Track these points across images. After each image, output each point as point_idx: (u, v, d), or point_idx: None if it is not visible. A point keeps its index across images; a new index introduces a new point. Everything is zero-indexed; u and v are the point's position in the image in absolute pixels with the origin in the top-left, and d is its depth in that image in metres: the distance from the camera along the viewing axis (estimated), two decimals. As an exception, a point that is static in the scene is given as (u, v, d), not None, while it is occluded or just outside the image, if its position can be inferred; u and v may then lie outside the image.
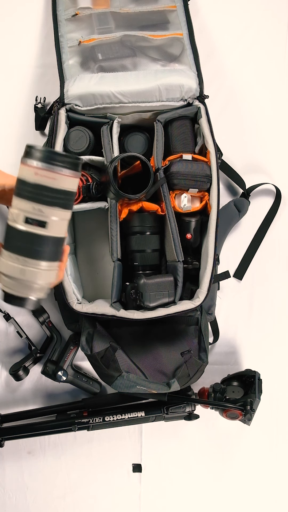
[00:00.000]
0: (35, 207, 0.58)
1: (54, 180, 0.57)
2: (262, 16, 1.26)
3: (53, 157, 0.57)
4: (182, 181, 0.99)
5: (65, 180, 0.58)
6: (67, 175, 0.58)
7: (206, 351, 1.00)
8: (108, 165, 0.96)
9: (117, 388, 0.95)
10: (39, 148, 0.58)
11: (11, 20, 1.22)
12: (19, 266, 0.59)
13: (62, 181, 0.58)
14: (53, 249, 0.61)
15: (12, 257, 0.59)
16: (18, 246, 0.59)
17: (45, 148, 0.59)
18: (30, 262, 0.59)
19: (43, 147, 0.58)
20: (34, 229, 0.58)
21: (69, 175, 0.58)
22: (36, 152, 0.57)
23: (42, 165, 0.57)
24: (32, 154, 0.58)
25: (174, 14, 1.13)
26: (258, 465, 1.17)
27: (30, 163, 0.57)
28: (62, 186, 0.58)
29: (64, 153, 0.59)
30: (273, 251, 1.20)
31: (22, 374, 1.07)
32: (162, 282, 0.97)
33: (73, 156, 0.59)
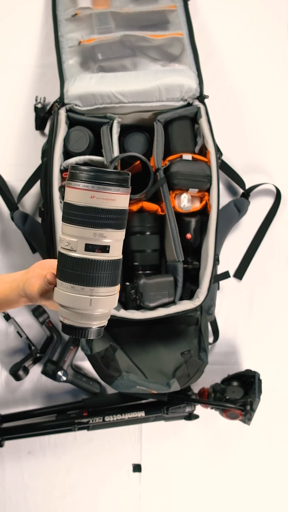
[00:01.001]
0: (96, 232, 0.54)
1: (112, 201, 0.54)
2: (262, 16, 1.26)
3: (106, 177, 0.53)
4: (182, 181, 0.99)
5: (121, 198, 0.55)
6: (121, 194, 0.55)
7: (206, 351, 1.00)
8: (108, 165, 0.96)
9: (117, 388, 0.95)
10: (88, 168, 0.54)
11: (11, 20, 1.22)
12: (80, 295, 0.55)
13: (119, 201, 0.55)
14: (112, 273, 0.57)
15: (75, 288, 0.55)
16: (78, 275, 0.55)
17: (95, 168, 0.54)
18: (98, 290, 0.55)
19: (91, 168, 0.54)
20: (96, 255, 0.55)
21: (123, 193, 0.55)
22: (87, 173, 0.53)
23: (97, 187, 0.53)
24: (81, 176, 0.53)
25: (174, 14, 1.13)
26: (258, 465, 1.17)
27: (83, 186, 0.53)
28: (118, 205, 0.55)
29: (115, 171, 0.55)
30: (273, 251, 1.20)
31: (22, 374, 1.07)
32: (162, 282, 0.97)
33: (123, 172, 0.56)
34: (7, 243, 1.15)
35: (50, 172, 0.99)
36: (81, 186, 0.53)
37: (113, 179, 0.54)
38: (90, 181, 0.53)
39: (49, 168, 0.99)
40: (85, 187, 0.53)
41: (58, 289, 0.57)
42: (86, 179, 0.53)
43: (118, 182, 0.54)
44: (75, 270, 0.55)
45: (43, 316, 1.10)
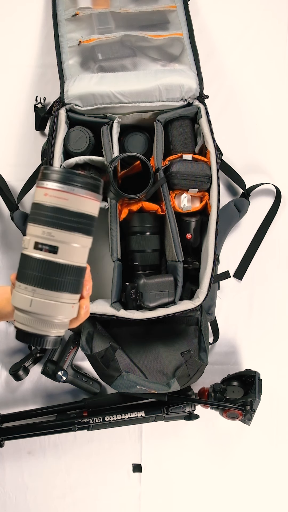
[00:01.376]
0: (45, 230, 0.53)
1: (66, 201, 0.52)
2: (262, 16, 1.26)
3: (66, 177, 0.52)
4: (182, 181, 0.99)
5: (81, 201, 0.53)
6: (82, 196, 0.53)
7: (206, 351, 1.00)
8: (108, 165, 0.96)
9: (117, 388, 0.95)
10: (52, 168, 0.53)
11: (11, 20, 1.22)
12: (35, 298, 0.54)
13: (77, 202, 0.53)
14: (71, 280, 0.55)
15: (28, 289, 0.54)
16: (32, 276, 0.54)
17: (59, 168, 0.54)
18: (47, 293, 0.54)
19: (58, 168, 0.54)
20: (45, 255, 0.53)
21: (85, 196, 0.53)
22: (49, 172, 0.53)
23: (55, 185, 0.52)
24: (45, 175, 0.53)
25: (174, 14, 1.13)
26: (258, 465, 1.17)
27: (43, 185, 0.53)
28: (77, 208, 0.53)
29: (80, 173, 0.53)
30: (273, 251, 1.20)
31: (22, 374, 1.07)
32: (162, 282, 0.97)
33: (91, 176, 0.54)
34: (7, 243, 1.15)
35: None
36: (39, 184, 0.54)
37: (71, 179, 0.53)
38: (48, 180, 0.53)
39: (49, 168, 0.99)
40: (42, 185, 0.53)
41: (15, 290, 0.56)
42: (45, 178, 0.53)
43: (76, 183, 0.53)
44: (29, 270, 0.54)
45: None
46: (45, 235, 0.53)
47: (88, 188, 0.54)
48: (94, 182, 0.54)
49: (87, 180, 0.54)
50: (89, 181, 0.54)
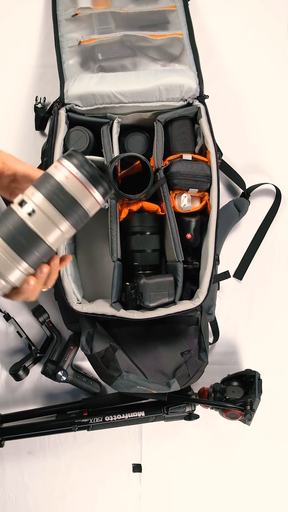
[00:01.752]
0: (38, 196, 0.57)
1: (81, 192, 0.57)
2: (262, 16, 1.26)
3: (92, 174, 0.57)
4: (182, 181, 0.99)
5: (90, 200, 0.58)
6: (94, 197, 0.58)
7: (206, 351, 1.00)
8: (108, 165, 0.96)
9: (117, 388, 0.95)
10: (84, 157, 0.57)
11: (11, 20, 1.22)
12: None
13: (87, 199, 0.57)
14: (34, 250, 0.58)
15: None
16: (6, 230, 0.57)
17: (91, 163, 0.58)
18: (10, 252, 0.57)
19: (86, 158, 0.58)
20: (20, 212, 0.57)
21: (95, 198, 0.58)
22: (80, 159, 0.57)
23: (74, 170, 0.57)
24: (71, 156, 0.57)
25: (174, 14, 1.13)
26: (258, 465, 1.17)
27: (68, 167, 0.57)
28: (83, 203, 0.57)
29: (101, 175, 0.57)
30: (273, 251, 1.20)
31: (22, 374, 1.07)
32: (162, 282, 0.97)
33: (109, 184, 0.59)
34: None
35: (50, 172, 0.98)
36: (65, 164, 0.57)
37: (96, 179, 0.57)
38: (76, 166, 0.57)
39: (49, 168, 0.99)
40: (68, 167, 0.57)
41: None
42: (73, 161, 0.57)
43: (97, 184, 0.57)
44: (6, 224, 0.58)
45: (43, 316, 1.10)
46: (42, 205, 0.57)
47: (102, 193, 0.58)
48: (109, 191, 0.58)
49: (107, 186, 0.58)
50: (106, 189, 0.58)
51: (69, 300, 0.96)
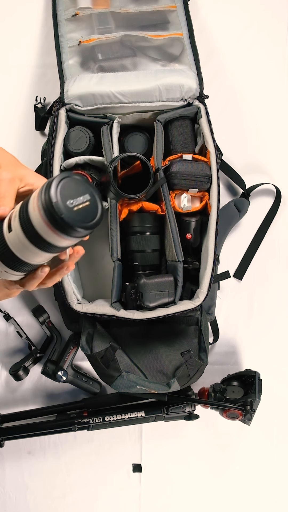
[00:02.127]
0: (16, 216, 0.55)
1: (42, 230, 0.52)
2: (262, 16, 1.26)
3: (51, 214, 0.50)
4: (182, 181, 0.99)
5: (54, 237, 0.53)
6: (57, 235, 0.52)
7: (206, 351, 1.00)
8: (108, 165, 0.96)
9: (117, 388, 0.95)
10: (56, 192, 0.50)
11: (11, 20, 1.22)
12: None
13: (50, 236, 0.53)
14: (20, 266, 0.58)
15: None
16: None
17: (55, 201, 0.51)
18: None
19: (63, 215, 0.50)
20: (5, 232, 0.56)
21: (59, 236, 0.53)
22: (48, 195, 0.50)
23: (42, 213, 0.51)
24: (46, 192, 0.51)
25: (174, 14, 1.13)
26: (258, 465, 1.17)
27: (38, 200, 0.51)
28: (48, 239, 0.53)
29: (77, 230, 0.52)
30: (273, 251, 1.20)
31: (22, 374, 1.07)
32: (162, 282, 0.97)
33: (70, 227, 0.52)
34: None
35: (50, 172, 0.99)
36: (40, 200, 0.52)
37: (71, 233, 0.52)
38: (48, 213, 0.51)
39: (49, 168, 0.99)
40: (39, 204, 0.52)
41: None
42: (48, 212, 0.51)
43: (50, 220, 0.51)
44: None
45: (43, 316, 1.10)
46: (14, 218, 0.55)
47: (61, 232, 0.52)
48: (68, 232, 0.52)
49: (64, 227, 0.51)
50: (64, 228, 0.51)
51: (69, 300, 0.96)
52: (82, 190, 0.53)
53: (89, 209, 0.53)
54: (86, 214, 0.53)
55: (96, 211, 0.54)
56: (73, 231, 0.51)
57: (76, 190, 0.53)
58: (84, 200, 0.53)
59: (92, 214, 0.53)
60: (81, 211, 0.52)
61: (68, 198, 0.51)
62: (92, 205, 0.53)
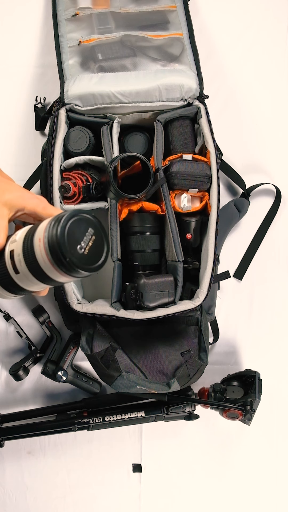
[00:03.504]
0: (20, 255, 0.56)
1: (45, 266, 0.54)
2: (262, 16, 1.26)
3: (56, 252, 0.52)
4: (182, 181, 0.99)
5: (55, 274, 0.54)
6: (59, 273, 0.54)
7: (206, 351, 1.00)
8: (108, 165, 0.96)
9: (117, 388, 0.95)
10: (62, 229, 0.51)
11: (11, 20, 1.22)
12: None
13: (52, 272, 0.54)
14: (15, 290, 0.60)
15: None
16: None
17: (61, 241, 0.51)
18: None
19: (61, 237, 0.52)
20: (9, 264, 0.57)
21: (61, 274, 0.54)
22: (54, 233, 0.52)
23: (46, 249, 0.53)
24: (53, 227, 0.52)
25: (174, 14, 1.13)
26: (258, 465, 1.17)
27: (44, 236, 0.53)
28: (50, 274, 0.55)
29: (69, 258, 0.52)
30: (273, 251, 1.20)
31: (22, 374, 1.07)
32: (162, 282, 0.97)
33: (70, 264, 0.53)
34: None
35: (50, 172, 0.99)
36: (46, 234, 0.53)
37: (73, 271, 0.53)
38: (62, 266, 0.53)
39: (49, 168, 0.99)
40: (51, 261, 0.53)
41: None
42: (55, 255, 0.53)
43: (53, 257, 0.52)
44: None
45: (43, 316, 1.10)
46: (18, 256, 0.56)
47: (63, 270, 0.53)
48: (69, 269, 0.53)
49: (66, 264, 0.52)
50: (66, 266, 0.53)
51: (69, 300, 0.96)
52: (87, 227, 0.54)
53: (96, 248, 0.54)
54: (93, 256, 0.54)
55: (102, 250, 0.55)
56: (77, 273, 0.53)
57: (81, 229, 0.53)
58: (90, 238, 0.54)
59: (98, 254, 0.55)
60: (89, 254, 0.53)
61: (76, 243, 0.52)
62: (98, 243, 0.55)
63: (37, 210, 0.62)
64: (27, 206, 0.62)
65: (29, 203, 0.62)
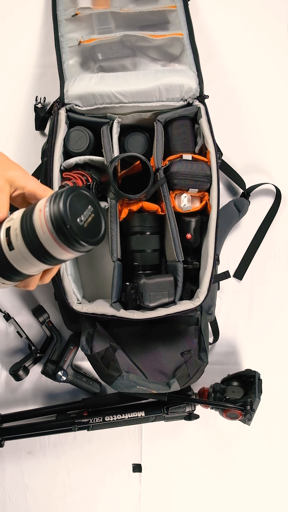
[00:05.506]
0: (18, 233, 0.55)
1: (47, 242, 0.53)
2: (262, 16, 1.26)
3: (60, 226, 0.52)
4: (182, 181, 0.99)
5: (58, 250, 0.54)
6: (62, 249, 0.54)
7: (206, 351, 1.00)
8: (108, 165, 0.96)
9: (117, 388, 0.95)
10: (65, 206, 0.52)
11: (11, 20, 1.22)
12: None
13: (54, 249, 0.54)
14: (7, 272, 0.59)
15: None
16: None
17: (65, 215, 0.52)
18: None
19: (64, 209, 0.52)
20: (3, 240, 0.56)
21: (63, 249, 0.54)
22: (57, 209, 0.52)
23: (49, 225, 0.52)
24: (55, 203, 0.52)
25: (174, 14, 1.13)
26: (258, 465, 1.17)
27: (46, 212, 0.53)
28: (52, 251, 0.54)
29: (72, 233, 0.52)
30: (273, 251, 1.20)
31: (22, 374, 1.07)
32: (162, 282, 0.97)
33: (76, 240, 0.53)
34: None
35: (50, 172, 0.99)
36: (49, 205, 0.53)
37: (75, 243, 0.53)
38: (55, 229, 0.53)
39: (49, 168, 0.99)
40: (46, 208, 0.53)
41: None
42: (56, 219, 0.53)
43: (57, 232, 0.52)
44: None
45: (43, 316, 1.10)
46: (14, 231, 0.56)
47: (67, 245, 0.54)
48: (73, 245, 0.53)
49: (69, 239, 0.53)
50: (69, 241, 0.53)
51: (69, 300, 0.96)
52: (87, 204, 0.55)
53: (95, 224, 0.55)
54: (93, 230, 0.55)
55: (100, 227, 0.56)
56: (81, 246, 0.53)
57: (81, 204, 0.54)
58: (90, 214, 0.55)
59: (97, 229, 0.56)
60: (88, 227, 0.54)
61: (77, 215, 0.53)
62: (97, 220, 0.56)
63: (38, 191, 0.63)
64: (28, 186, 0.63)
65: (31, 183, 0.63)
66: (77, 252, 0.55)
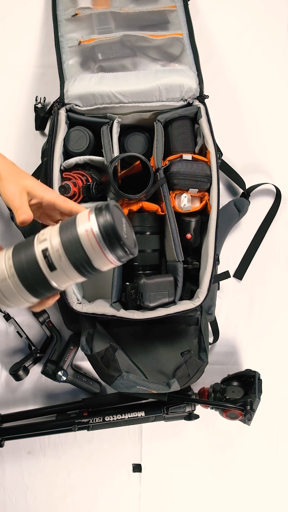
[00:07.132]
0: (59, 249, 0.56)
1: (94, 254, 0.56)
2: (262, 16, 1.26)
3: (111, 238, 0.55)
4: (182, 181, 0.99)
5: (103, 260, 0.57)
6: (108, 259, 0.57)
7: (206, 351, 1.00)
8: (108, 165, 0.96)
9: (117, 388, 0.95)
10: (112, 217, 0.55)
11: (11, 20, 1.22)
12: (8, 281, 0.58)
13: (100, 259, 0.57)
14: (42, 290, 0.60)
15: (9, 268, 0.58)
16: (20, 265, 0.58)
17: (114, 226, 0.55)
18: (19, 287, 0.59)
19: (114, 224, 0.55)
20: (42, 263, 0.57)
21: (109, 260, 0.57)
22: (106, 220, 0.55)
23: (98, 237, 0.55)
24: (102, 216, 0.55)
25: (174, 14, 1.13)
26: (258, 465, 1.17)
27: (92, 223, 0.56)
28: (95, 261, 0.57)
29: (124, 243, 0.56)
30: (273, 251, 1.20)
31: (22, 374, 1.07)
32: (162, 282, 0.97)
33: (127, 250, 0.57)
34: (7, 243, 1.15)
35: (50, 172, 0.99)
36: (91, 225, 0.56)
37: (116, 247, 0.56)
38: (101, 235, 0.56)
39: (49, 168, 0.99)
40: (94, 230, 0.56)
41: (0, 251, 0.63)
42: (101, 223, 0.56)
43: (109, 244, 0.56)
44: (20, 249, 0.61)
45: (43, 316, 1.10)
46: (56, 252, 0.57)
47: (115, 255, 0.57)
48: (123, 255, 0.57)
49: (121, 249, 0.56)
50: (121, 251, 0.56)
51: (69, 300, 0.96)
52: (121, 216, 0.59)
53: (130, 235, 0.60)
54: (131, 242, 0.59)
55: (133, 237, 0.61)
56: (125, 256, 0.57)
57: (119, 216, 0.58)
58: (125, 227, 0.59)
59: (133, 241, 0.61)
60: (128, 240, 0.58)
61: (121, 227, 0.57)
62: (131, 232, 0.61)
63: (57, 202, 0.64)
64: (46, 196, 0.63)
65: (49, 193, 0.64)
66: (119, 263, 0.58)
